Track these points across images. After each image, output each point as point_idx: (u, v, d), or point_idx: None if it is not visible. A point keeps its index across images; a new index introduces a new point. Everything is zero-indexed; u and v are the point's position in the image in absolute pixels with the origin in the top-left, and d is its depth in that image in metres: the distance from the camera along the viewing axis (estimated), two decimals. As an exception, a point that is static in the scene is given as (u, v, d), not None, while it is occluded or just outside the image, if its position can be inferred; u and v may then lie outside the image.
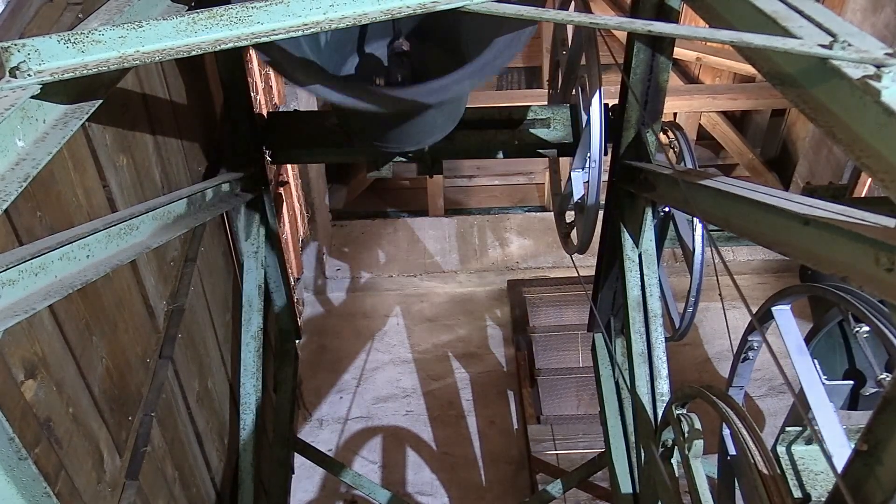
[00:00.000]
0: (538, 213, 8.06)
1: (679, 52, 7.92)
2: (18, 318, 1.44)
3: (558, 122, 3.60)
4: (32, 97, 1.52)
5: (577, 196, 3.38)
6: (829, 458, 2.20)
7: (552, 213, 4.28)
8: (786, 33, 1.65)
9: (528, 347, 6.50)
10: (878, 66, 1.45)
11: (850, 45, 1.52)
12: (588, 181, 3.17)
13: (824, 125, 1.57)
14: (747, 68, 7.65)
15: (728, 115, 8.33)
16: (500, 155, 3.70)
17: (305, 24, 1.68)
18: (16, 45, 1.52)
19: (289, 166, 5.76)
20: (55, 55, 1.56)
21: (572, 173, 3.41)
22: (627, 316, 3.38)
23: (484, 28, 2.60)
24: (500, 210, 8.26)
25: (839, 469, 1.66)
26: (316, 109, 5.65)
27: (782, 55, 1.69)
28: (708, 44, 8.03)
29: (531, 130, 3.61)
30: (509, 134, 3.62)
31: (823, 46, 1.54)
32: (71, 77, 1.55)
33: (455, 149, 3.62)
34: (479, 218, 7.91)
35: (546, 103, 3.79)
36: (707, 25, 2.04)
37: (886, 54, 1.48)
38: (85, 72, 1.55)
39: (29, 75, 1.51)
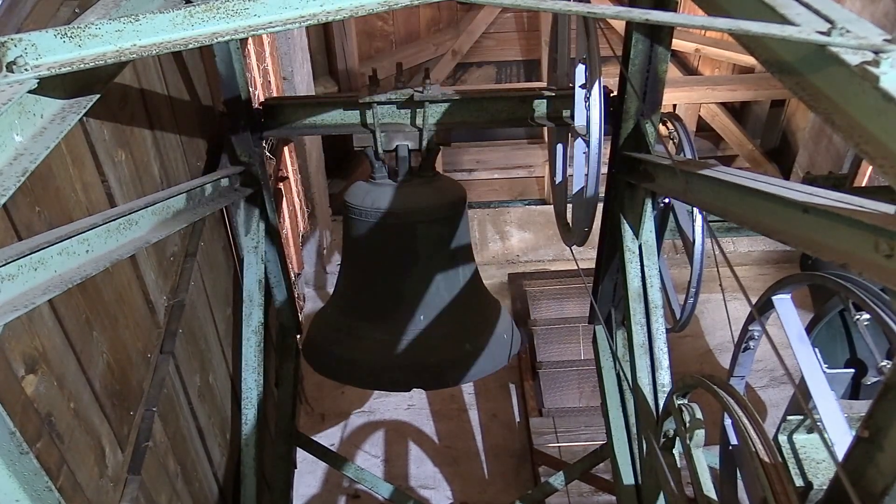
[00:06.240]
0: (538, 207, 8.05)
1: (678, 44, 7.91)
2: (18, 313, 1.44)
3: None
4: (30, 92, 1.52)
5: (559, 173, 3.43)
6: (828, 445, 2.19)
7: (552, 206, 4.29)
8: (784, 20, 1.64)
9: (530, 340, 6.50)
10: (876, 52, 1.45)
11: (848, 31, 1.52)
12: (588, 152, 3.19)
13: (823, 112, 1.56)
14: (746, 59, 7.65)
15: (727, 107, 8.33)
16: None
17: (303, 17, 1.67)
18: (13, 39, 1.52)
19: (288, 161, 5.75)
20: (52, 49, 1.55)
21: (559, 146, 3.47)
22: (628, 307, 3.38)
23: None
24: (500, 203, 8.25)
25: (840, 457, 1.66)
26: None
27: (780, 42, 1.68)
28: (707, 35, 8.02)
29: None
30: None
31: (821, 33, 1.54)
32: (68, 71, 1.54)
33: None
34: (479, 211, 7.90)
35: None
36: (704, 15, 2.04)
37: (885, 40, 1.47)
38: (82, 66, 1.55)
39: (26, 70, 1.50)
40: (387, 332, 3.87)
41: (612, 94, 3.41)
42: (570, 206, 3.74)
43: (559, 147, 3.90)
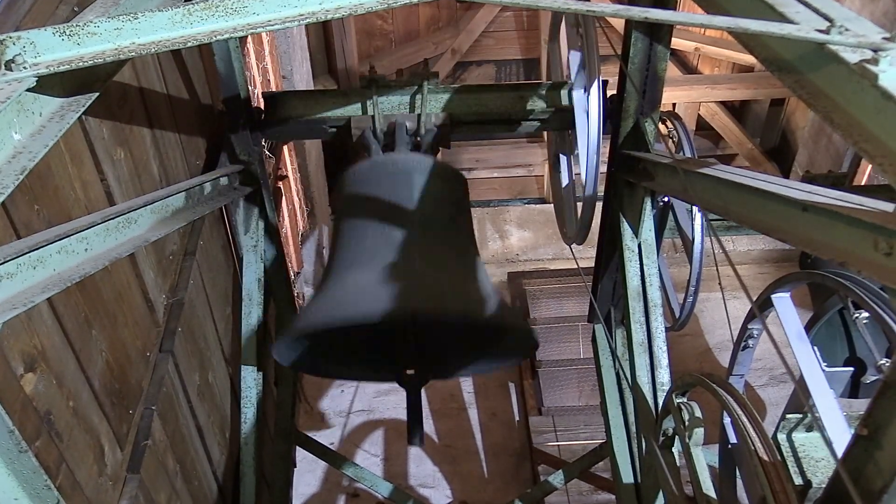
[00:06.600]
0: (538, 205, 8.06)
1: (677, 43, 7.91)
2: (17, 311, 1.44)
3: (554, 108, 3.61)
4: (28, 90, 1.51)
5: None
6: (829, 443, 2.19)
7: (552, 204, 4.28)
8: (783, 19, 1.64)
9: (529, 339, 6.49)
10: (875, 51, 1.45)
11: (847, 29, 1.52)
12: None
13: (822, 111, 1.56)
14: (746, 58, 7.65)
15: (727, 106, 8.33)
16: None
17: (301, 15, 1.67)
18: (11, 37, 1.52)
19: (287, 160, 5.75)
20: (51, 48, 1.55)
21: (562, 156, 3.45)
22: (627, 306, 3.38)
23: None
24: (499, 202, 8.25)
25: (839, 455, 1.66)
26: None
27: (779, 41, 1.68)
28: (706, 33, 8.02)
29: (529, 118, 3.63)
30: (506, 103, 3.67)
31: (820, 31, 1.54)
32: (67, 69, 1.54)
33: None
34: (478, 210, 7.89)
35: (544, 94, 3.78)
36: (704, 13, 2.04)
37: (884, 38, 1.47)
38: (81, 64, 1.54)
39: (24, 68, 1.50)
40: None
41: (610, 92, 3.41)
42: (569, 205, 3.74)
43: (561, 156, 3.90)
